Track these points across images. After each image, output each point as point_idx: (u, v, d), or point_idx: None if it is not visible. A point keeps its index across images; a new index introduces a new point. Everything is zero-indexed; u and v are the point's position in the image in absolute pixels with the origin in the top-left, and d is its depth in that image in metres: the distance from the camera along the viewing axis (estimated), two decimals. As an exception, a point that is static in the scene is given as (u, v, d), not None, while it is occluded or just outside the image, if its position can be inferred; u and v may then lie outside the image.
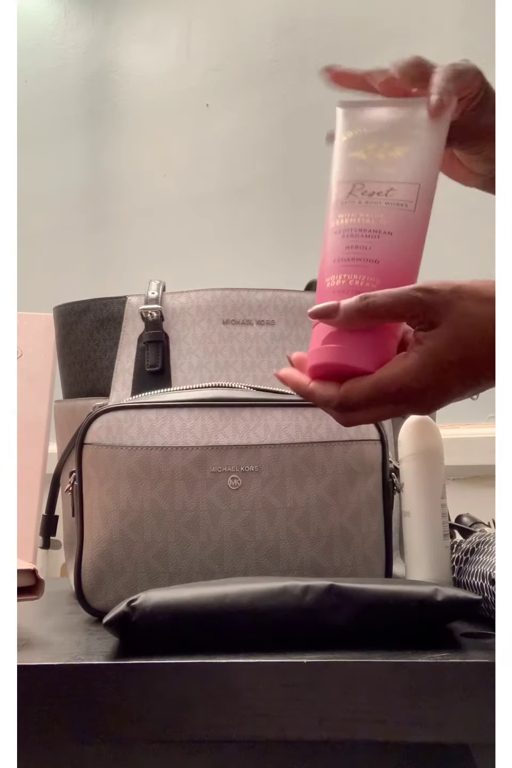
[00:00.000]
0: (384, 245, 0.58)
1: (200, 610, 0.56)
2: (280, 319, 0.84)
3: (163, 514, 0.69)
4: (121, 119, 1.70)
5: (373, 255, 0.58)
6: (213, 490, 0.69)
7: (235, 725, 0.53)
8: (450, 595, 0.58)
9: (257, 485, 0.70)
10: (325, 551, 0.71)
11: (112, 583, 0.68)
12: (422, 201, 0.60)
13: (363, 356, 0.55)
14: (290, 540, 0.70)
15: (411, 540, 0.71)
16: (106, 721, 0.53)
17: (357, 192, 0.60)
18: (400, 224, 0.59)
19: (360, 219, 0.59)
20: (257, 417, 0.71)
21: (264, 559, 0.70)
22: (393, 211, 0.59)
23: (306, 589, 0.57)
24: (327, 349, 0.56)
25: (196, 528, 0.69)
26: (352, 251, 0.58)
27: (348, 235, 0.59)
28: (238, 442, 0.71)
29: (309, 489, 0.71)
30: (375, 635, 0.57)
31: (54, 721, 0.53)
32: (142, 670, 0.53)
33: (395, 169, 0.60)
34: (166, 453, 0.69)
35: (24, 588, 0.61)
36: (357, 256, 0.58)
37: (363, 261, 0.57)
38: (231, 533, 0.69)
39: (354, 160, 0.61)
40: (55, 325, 0.87)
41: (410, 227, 0.59)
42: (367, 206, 0.59)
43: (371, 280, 0.57)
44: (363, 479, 0.72)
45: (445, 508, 0.71)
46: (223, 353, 0.82)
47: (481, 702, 0.52)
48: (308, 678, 0.52)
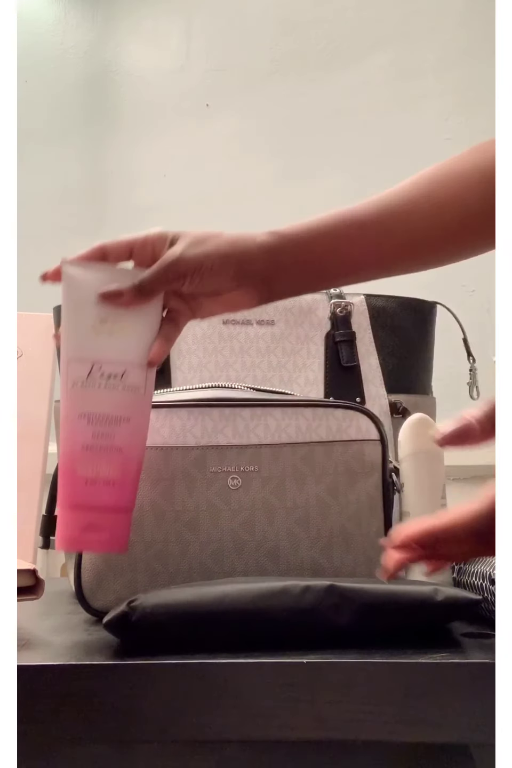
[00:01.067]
0: (126, 432, 0.62)
1: (200, 610, 0.56)
2: (280, 319, 0.84)
3: (162, 514, 0.69)
4: (121, 119, 1.70)
5: (117, 442, 0.62)
6: (213, 490, 0.69)
7: (235, 725, 0.53)
8: (450, 595, 0.58)
9: (257, 485, 0.70)
10: (325, 551, 0.71)
11: (112, 583, 0.68)
12: (149, 382, 0.64)
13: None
14: (290, 540, 0.70)
15: (411, 540, 0.71)
16: (106, 721, 0.53)
17: (95, 374, 0.62)
18: (135, 409, 0.63)
19: (103, 405, 0.62)
20: (257, 417, 0.71)
21: (264, 559, 0.70)
22: (129, 396, 0.63)
23: (306, 589, 0.57)
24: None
25: (195, 528, 0.69)
26: (99, 439, 0.62)
27: (93, 422, 0.62)
28: (238, 442, 0.71)
29: (309, 489, 0.71)
30: (375, 635, 0.57)
31: (54, 721, 0.53)
32: (142, 670, 0.53)
33: (127, 349, 0.63)
34: (166, 453, 0.69)
35: (24, 588, 0.61)
36: (104, 444, 0.62)
37: (109, 449, 0.62)
38: (231, 533, 0.69)
39: (89, 336, 0.63)
40: (55, 325, 0.88)
41: (141, 411, 0.64)
42: (107, 391, 0.62)
43: (118, 468, 0.62)
44: (363, 479, 0.72)
45: (445, 508, 0.71)
46: (223, 353, 0.82)
47: (481, 702, 0.52)
48: (308, 678, 0.52)
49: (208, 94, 1.67)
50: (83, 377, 0.62)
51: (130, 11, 1.72)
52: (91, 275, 0.64)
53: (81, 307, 0.63)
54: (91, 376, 0.62)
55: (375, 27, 1.62)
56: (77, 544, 0.62)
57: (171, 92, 1.69)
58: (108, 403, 0.62)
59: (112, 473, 0.61)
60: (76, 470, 0.61)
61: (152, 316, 0.64)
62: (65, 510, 0.62)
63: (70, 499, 0.62)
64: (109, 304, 0.63)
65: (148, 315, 0.64)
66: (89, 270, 0.64)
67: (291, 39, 1.65)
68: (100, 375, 0.62)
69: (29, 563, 0.65)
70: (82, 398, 0.62)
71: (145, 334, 0.64)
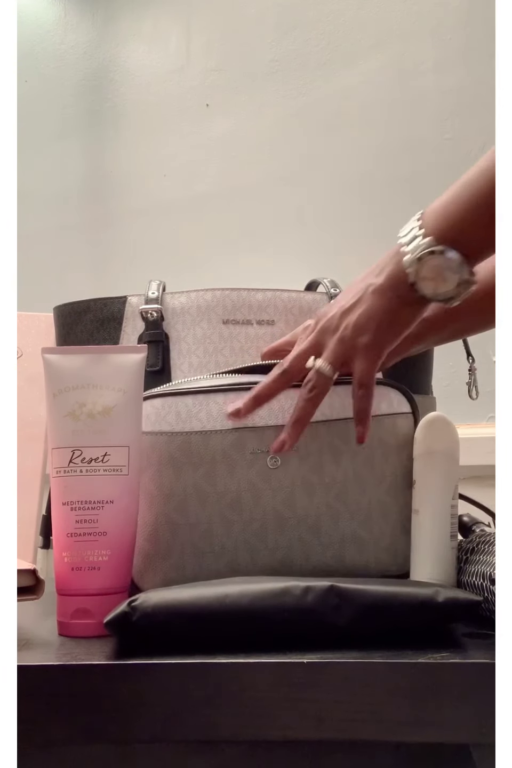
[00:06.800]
0: (109, 514, 0.63)
1: (200, 610, 0.56)
2: (280, 319, 0.84)
3: (206, 496, 0.70)
4: (120, 119, 1.70)
5: (101, 527, 0.63)
6: (253, 471, 0.71)
7: (235, 725, 0.53)
8: (451, 596, 0.58)
9: (295, 463, 0.72)
10: (365, 523, 0.73)
11: (160, 564, 0.70)
12: (133, 461, 0.65)
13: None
14: (330, 514, 0.72)
15: (418, 538, 0.71)
16: (106, 721, 0.53)
17: (77, 460, 0.64)
18: (119, 490, 0.64)
19: (84, 491, 0.64)
20: (291, 398, 0.72)
21: (305, 534, 0.72)
22: (111, 478, 0.64)
23: (307, 590, 0.57)
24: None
25: (238, 508, 0.70)
26: (82, 526, 0.63)
27: (76, 508, 0.63)
28: (274, 423, 0.72)
29: (346, 464, 0.73)
30: (376, 636, 0.57)
31: (54, 721, 0.53)
32: (142, 670, 0.53)
33: (107, 430, 0.64)
34: (205, 437, 0.71)
35: (24, 588, 0.61)
36: (88, 531, 0.63)
37: (94, 535, 0.63)
38: (272, 511, 0.71)
39: (68, 423, 0.64)
40: (55, 325, 0.87)
41: (126, 491, 0.65)
42: (88, 476, 0.64)
43: (104, 553, 0.63)
44: (397, 452, 0.74)
45: (455, 509, 0.71)
46: (223, 353, 0.82)
47: (481, 702, 0.52)
48: (308, 678, 0.52)
49: (208, 94, 1.67)
50: (64, 465, 0.64)
51: (130, 11, 1.72)
52: (69, 361, 0.65)
53: (60, 393, 0.65)
54: (71, 463, 0.64)
55: (375, 27, 1.62)
56: (67, 629, 0.63)
57: (171, 92, 1.69)
58: (89, 489, 0.64)
59: (98, 558, 0.63)
60: (63, 558, 0.63)
61: (132, 395, 0.66)
62: (58, 595, 0.64)
63: (58, 585, 0.64)
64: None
65: (127, 394, 0.65)
66: (67, 356, 0.66)
67: (291, 39, 1.65)
68: (81, 460, 0.64)
69: (29, 563, 0.65)
70: (64, 486, 0.64)
71: (126, 413, 0.65)
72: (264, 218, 1.62)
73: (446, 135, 1.55)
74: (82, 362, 0.65)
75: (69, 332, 0.85)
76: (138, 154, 1.68)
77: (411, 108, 1.60)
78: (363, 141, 1.60)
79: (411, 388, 0.78)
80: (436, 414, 0.73)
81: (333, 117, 1.61)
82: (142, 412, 0.68)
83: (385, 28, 1.61)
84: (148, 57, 1.71)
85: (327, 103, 1.61)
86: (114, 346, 0.80)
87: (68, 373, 0.65)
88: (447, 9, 1.60)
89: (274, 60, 1.65)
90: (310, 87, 1.62)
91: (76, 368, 0.65)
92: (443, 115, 1.57)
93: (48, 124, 1.71)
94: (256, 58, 1.66)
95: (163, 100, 1.69)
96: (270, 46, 1.66)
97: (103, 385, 0.65)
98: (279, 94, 1.65)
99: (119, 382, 0.65)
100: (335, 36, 1.62)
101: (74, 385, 0.65)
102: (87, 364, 0.65)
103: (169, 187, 1.66)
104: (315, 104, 1.62)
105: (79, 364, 0.65)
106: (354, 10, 1.63)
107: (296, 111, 1.63)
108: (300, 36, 1.65)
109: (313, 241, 1.58)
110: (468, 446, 1.43)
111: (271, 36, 1.66)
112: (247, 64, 1.67)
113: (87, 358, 0.65)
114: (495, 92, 0.63)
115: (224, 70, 1.67)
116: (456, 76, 1.57)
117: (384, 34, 1.61)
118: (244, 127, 1.65)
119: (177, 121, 1.68)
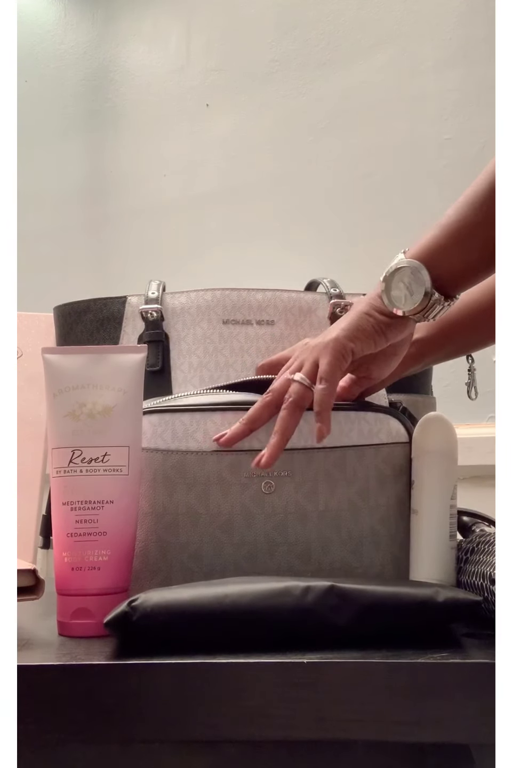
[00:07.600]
0: (109, 514, 0.64)
1: (200, 610, 0.56)
2: (280, 319, 0.84)
3: (197, 517, 0.69)
4: (120, 119, 1.70)
5: (101, 527, 0.63)
6: (247, 495, 0.70)
7: (235, 725, 0.53)
8: (451, 596, 0.58)
9: (290, 489, 0.70)
10: (355, 552, 0.72)
11: (147, 581, 0.69)
12: (133, 461, 0.65)
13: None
14: (321, 542, 0.71)
15: (417, 538, 0.71)
16: (106, 721, 0.53)
17: (77, 460, 0.64)
18: (119, 490, 0.64)
19: (84, 491, 0.64)
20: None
21: (296, 560, 0.70)
22: (111, 478, 0.64)
23: (307, 590, 0.57)
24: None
25: (230, 530, 0.69)
26: (82, 526, 0.63)
27: (76, 508, 0.63)
28: None
29: (341, 493, 0.71)
30: (375, 636, 0.57)
31: (54, 721, 0.53)
32: (142, 670, 0.53)
33: (107, 430, 0.64)
34: (201, 458, 0.69)
35: (24, 588, 0.61)
36: (88, 531, 0.63)
37: (94, 535, 0.63)
38: (264, 535, 0.70)
39: (68, 423, 0.64)
40: (55, 325, 0.87)
41: (126, 491, 0.65)
42: (88, 476, 0.64)
43: (104, 553, 0.63)
44: (393, 482, 0.73)
45: (454, 509, 0.71)
46: (223, 353, 0.82)
47: (481, 702, 0.52)
48: (308, 678, 0.52)
49: (208, 94, 1.67)
50: (64, 465, 0.64)
51: (130, 11, 1.72)
52: (69, 361, 0.65)
53: (60, 393, 0.65)
54: (71, 463, 0.64)
55: (375, 27, 1.62)
56: (67, 629, 0.63)
57: (171, 92, 1.69)
58: (89, 489, 0.64)
59: (98, 558, 0.63)
60: (63, 558, 0.64)
61: (132, 396, 0.66)
62: (58, 595, 0.64)
63: (58, 585, 0.64)
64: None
65: (127, 394, 0.65)
66: (67, 356, 0.66)
67: (291, 39, 1.65)
68: (81, 460, 0.64)
69: (29, 563, 0.65)
70: (64, 486, 0.64)
71: (126, 413, 0.65)
72: (264, 218, 1.62)
73: (446, 135, 1.55)
74: (82, 362, 0.65)
75: (69, 332, 0.85)
76: (138, 154, 1.68)
77: (411, 108, 1.60)
78: (363, 141, 1.60)
79: (411, 388, 0.78)
80: (435, 414, 0.73)
81: (333, 117, 1.61)
82: (142, 412, 0.68)
83: (385, 28, 1.61)
84: (148, 57, 1.71)
85: (327, 103, 1.61)
86: (114, 346, 0.80)
87: (68, 373, 0.65)
88: (447, 9, 1.60)
89: (274, 60, 1.65)
90: (310, 87, 1.62)
91: (76, 368, 0.65)
92: (443, 115, 1.57)
93: (48, 124, 1.71)
94: (256, 58, 1.66)
95: (163, 100, 1.69)
96: (270, 46, 1.66)
97: (103, 385, 0.65)
98: (279, 94, 1.65)
99: (119, 382, 0.65)
100: (335, 36, 1.62)
101: (74, 385, 0.65)
102: (87, 364, 0.65)
103: (169, 187, 1.66)
104: (315, 104, 1.62)
105: (79, 364, 0.65)
106: (354, 10, 1.63)
107: (296, 111, 1.63)
108: (300, 36, 1.65)
109: (313, 241, 1.58)
110: (468, 446, 1.44)
111: (271, 36, 1.66)
112: (247, 64, 1.67)
113: (87, 358, 0.65)
114: (495, 92, 0.63)
115: (224, 70, 1.67)
116: (456, 76, 1.57)
117: (384, 34, 1.61)
118: (244, 127, 1.65)
119: (177, 122, 1.68)
